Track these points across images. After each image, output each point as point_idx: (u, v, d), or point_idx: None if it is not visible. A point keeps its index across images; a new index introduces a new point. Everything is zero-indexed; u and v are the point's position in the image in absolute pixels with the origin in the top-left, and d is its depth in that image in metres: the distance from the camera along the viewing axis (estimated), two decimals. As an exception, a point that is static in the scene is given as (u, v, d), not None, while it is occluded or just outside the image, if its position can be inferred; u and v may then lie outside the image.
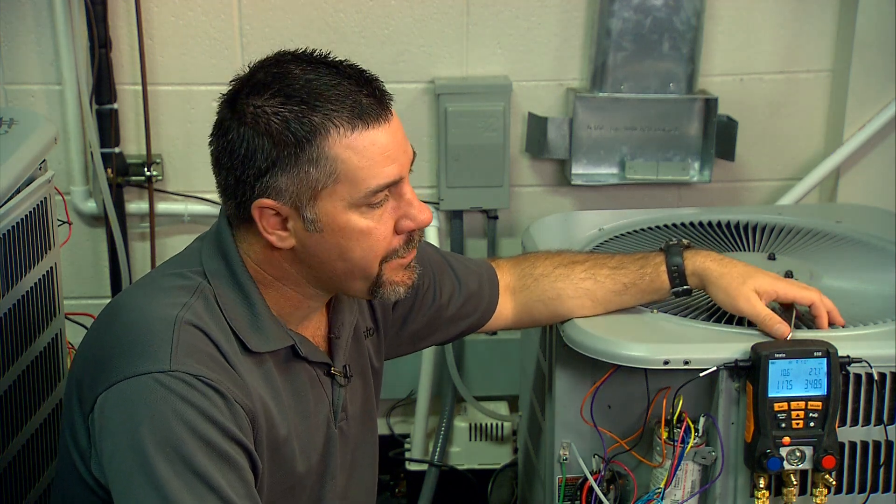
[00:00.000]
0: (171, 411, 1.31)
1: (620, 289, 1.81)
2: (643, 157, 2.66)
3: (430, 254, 1.78)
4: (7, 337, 1.74)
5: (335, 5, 2.57)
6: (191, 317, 1.39)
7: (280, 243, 1.44)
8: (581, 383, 1.82)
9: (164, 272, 1.49)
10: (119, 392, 1.33)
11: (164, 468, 1.29)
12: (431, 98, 2.62)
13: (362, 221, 1.41)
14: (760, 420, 1.70)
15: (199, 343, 1.38)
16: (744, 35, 2.66)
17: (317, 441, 1.54)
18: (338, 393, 1.56)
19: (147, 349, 1.35)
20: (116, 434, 1.32)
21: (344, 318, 1.59)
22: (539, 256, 1.87)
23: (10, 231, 1.74)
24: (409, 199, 1.44)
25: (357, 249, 1.43)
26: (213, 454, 1.32)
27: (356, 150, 1.38)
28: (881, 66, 2.61)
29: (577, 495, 1.86)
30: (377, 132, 1.39)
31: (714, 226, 2.21)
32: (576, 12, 2.61)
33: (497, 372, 2.81)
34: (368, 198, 1.40)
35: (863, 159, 2.69)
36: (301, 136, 1.37)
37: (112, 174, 2.57)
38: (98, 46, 2.51)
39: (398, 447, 2.86)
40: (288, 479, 1.49)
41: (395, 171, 1.41)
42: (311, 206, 1.40)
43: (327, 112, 1.37)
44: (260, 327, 1.45)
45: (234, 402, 1.37)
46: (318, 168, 1.38)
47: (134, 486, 1.30)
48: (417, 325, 1.76)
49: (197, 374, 1.34)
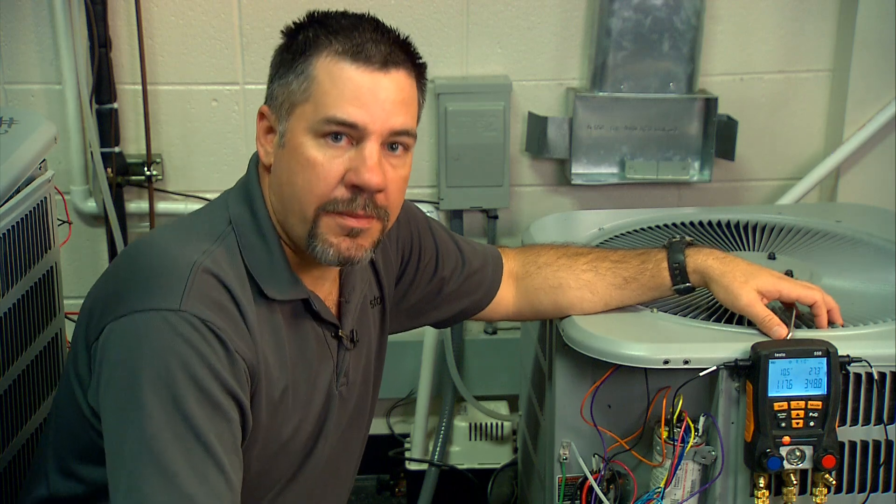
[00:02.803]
0: (172, 351, 1.33)
1: (621, 282, 1.81)
2: (643, 157, 2.66)
3: (436, 229, 1.81)
4: (7, 337, 1.74)
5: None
6: (209, 264, 1.41)
7: (265, 158, 1.49)
8: (581, 383, 1.82)
9: (191, 217, 1.53)
10: (126, 324, 1.36)
11: (153, 403, 1.31)
12: (431, 98, 2.62)
13: (313, 150, 1.44)
14: (760, 420, 1.70)
15: (212, 291, 1.40)
16: (744, 35, 2.66)
17: (316, 399, 1.56)
18: (343, 356, 1.59)
19: (160, 287, 1.37)
20: (116, 364, 1.35)
21: (355, 283, 1.61)
22: (544, 247, 1.89)
23: (10, 231, 1.74)
24: (365, 157, 1.43)
25: (300, 177, 1.44)
26: (204, 400, 1.34)
27: (332, 77, 1.43)
28: (881, 66, 2.61)
29: (577, 495, 1.86)
30: (360, 73, 1.43)
31: (714, 225, 2.21)
32: (576, 12, 2.62)
33: (497, 371, 2.81)
34: (322, 125, 1.42)
35: (863, 159, 2.69)
36: (298, 49, 1.45)
37: (112, 174, 2.58)
38: (98, 46, 2.52)
39: (398, 447, 2.86)
40: (283, 433, 1.51)
41: (359, 115, 1.42)
42: (287, 119, 1.46)
43: (330, 39, 1.44)
44: (277, 276, 1.48)
45: (236, 354, 1.39)
46: (298, 81, 1.44)
47: (122, 417, 1.32)
48: (417, 297, 1.78)
49: (204, 319, 1.36)
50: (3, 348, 1.73)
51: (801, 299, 1.77)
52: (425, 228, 1.79)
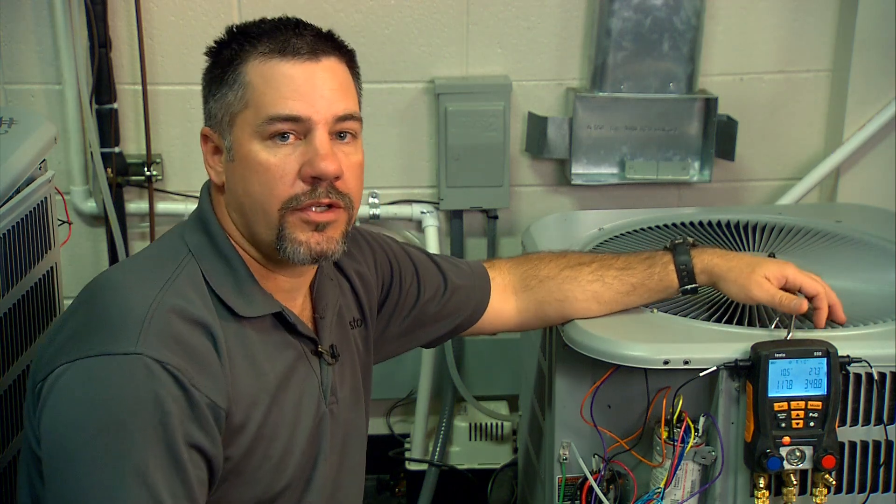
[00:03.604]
0: (127, 400, 1.29)
1: (628, 289, 1.81)
2: (643, 157, 2.66)
3: (412, 252, 1.80)
4: (7, 337, 1.74)
5: (335, 5, 2.57)
6: (170, 297, 1.38)
7: (216, 178, 1.48)
8: (581, 383, 1.82)
9: (148, 251, 1.51)
10: (78, 368, 1.31)
11: (97, 456, 1.27)
12: (431, 98, 2.62)
13: (263, 154, 1.42)
14: (760, 420, 1.70)
15: (173, 327, 1.35)
16: (744, 35, 2.66)
17: (304, 417, 1.53)
18: (326, 372, 1.57)
19: (115, 329, 1.33)
20: (63, 407, 1.30)
21: (327, 299, 1.60)
22: (542, 258, 1.88)
23: (10, 231, 1.74)
24: (316, 147, 1.42)
25: (256, 184, 1.43)
26: (158, 452, 1.29)
27: (265, 78, 1.42)
28: (881, 66, 2.61)
29: (577, 495, 1.87)
30: (292, 67, 1.42)
31: (714, 225, 2.21)
32: (576, 12, 2.62)
33: (497, 372, 2.81)
34: (266, 126, 1.42)
35: (863, 159, 2.69)
36: (225, 61, 1.45)
37: (112, 174, 2.58)
38: (98, 46, 2.51)
39: (398, 447, 2.86)
40: (274, 453, 1.48)
41: (299, 107, 1.42)
42: (230, 132, 1.45)
43: (255, 43, 1.44)
44: (244, 292, 1.46)
45: (197, 397, 1.34)
46: (233, 91, 1.44)
47: (64, 461, 1.28)
48: (406, 321, 1.77)
49: (162, 361, 1.31)
50: (3, 348, 1.73)
51: (805, 288, 1.77)
52: (401, 254, 1.78)
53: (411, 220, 2.69)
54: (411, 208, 2.69)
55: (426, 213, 2.68)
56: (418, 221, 2.69)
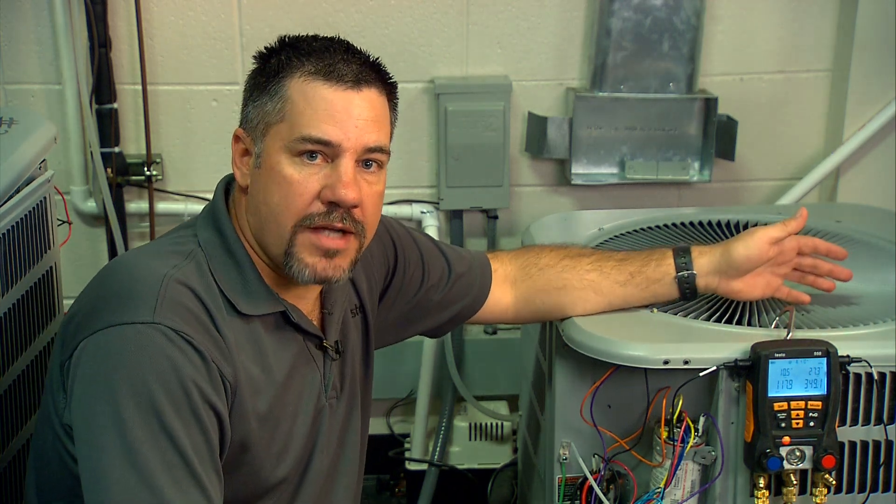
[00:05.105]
0: (148, 362, 1.33)
1: (626, 278, 1.82)
2: (643, 157, 2.66)
3: (418, 238, 1.81)
4: (7, 337, 1.74)
5: (335, 5, 2.57)
6: (180, 275, 1.42)
7: (241, 180, 1.51)
8: (581, 383, 1.82)
9: (161, 239, 1.55)
10: (99, 339, 1.35)
11: (131, 415, 1.31)
12: (431, 98, 2.62)
13: (289, 168, 1.45)
14: (760, 420, 1.70)
15: (185, 301, 1.40)
16: (744, 35, 2.66)
17: (304, 410, 1.55)
18: (329, 366, 1.59)
19: (132, 301, 1.38)
20: (90, 379, 1.34)
21: (336, 296, 1.62)
22: (543, 248, 1.89)
23: (10, 231, 1.74)
24: (340, 174, 1.45)
25: (276, 195, 1.46)
26: (182, 411, 1.33)
27: (306, 97, 1.45)
28: (881, 66, 2.61)
29: (577, 495, 1.87)
30: (333, 92, 1.45)
31: (714, 225, 2.21)
32: (576, 12, 2.62)
33: (497, 372, 2.81)
34: (297, 144, 1.44)
35: (863, 159, 2.69)
36: (271, 72, 1.48)
37: (112, 174, 2.58)
38: (98, 46, 2.52)
39: (398, 447, 2.86)
40: (274, 446, 1.50)
41: (333, 132, 1.44)
42: (262, 140, 1.47)
43: (303, 60, 1.47)
44: (250, 291, 1.48)
45: (213, 364, 1.39)
46: (272, 102, 1.47)
47: (98, 429, 1.32)
48: (408, 307, 1.78)
49: (178, 330, 1.36)
50: (3, 348, 1.73)
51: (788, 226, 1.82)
52: (408, 239, 1.79)
53: (411, 220, 2.69)
54: (411, 208, 2.69)
55: (426, 213, 2.68)
56: (418, 221, 2.69)
